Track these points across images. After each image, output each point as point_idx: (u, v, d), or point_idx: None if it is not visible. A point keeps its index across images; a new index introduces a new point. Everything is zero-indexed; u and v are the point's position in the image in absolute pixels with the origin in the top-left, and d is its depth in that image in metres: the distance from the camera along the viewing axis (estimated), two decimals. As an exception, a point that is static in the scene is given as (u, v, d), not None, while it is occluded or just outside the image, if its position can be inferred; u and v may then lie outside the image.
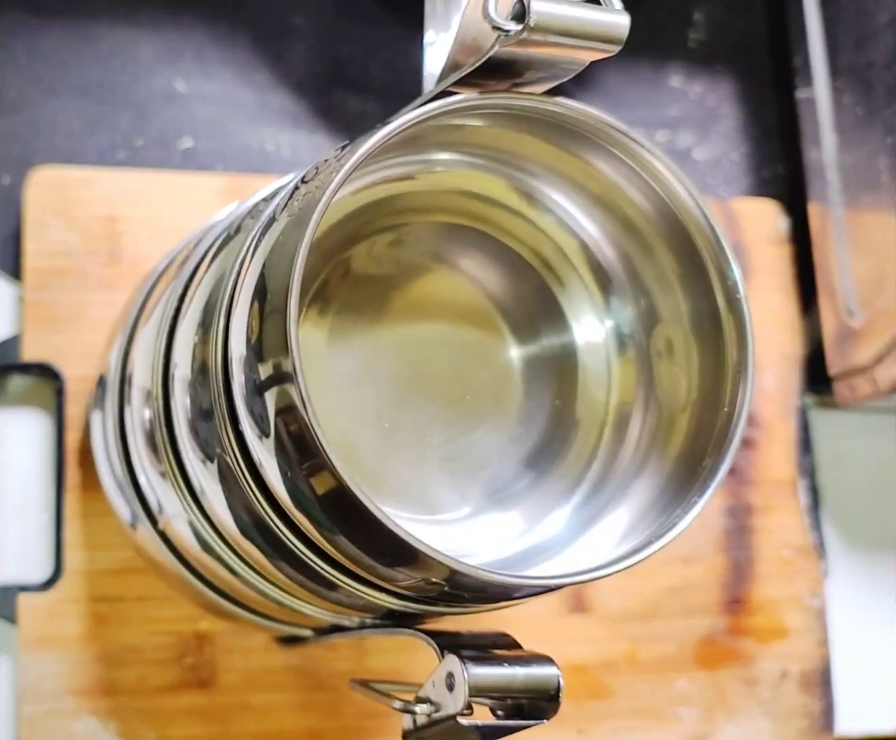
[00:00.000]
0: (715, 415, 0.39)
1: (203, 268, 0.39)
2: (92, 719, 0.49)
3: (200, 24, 0.57)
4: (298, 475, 0.33)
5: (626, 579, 0.45)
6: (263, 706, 0.50)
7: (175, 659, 0.50)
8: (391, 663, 0.51)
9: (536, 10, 0.32)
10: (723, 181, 0.62)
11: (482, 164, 0.42)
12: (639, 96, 0.61)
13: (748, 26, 0.64)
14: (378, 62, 0.59)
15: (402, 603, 0.37)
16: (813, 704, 0.56)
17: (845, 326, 0.56)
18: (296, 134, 0.57)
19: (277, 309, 0.33)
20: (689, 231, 0.39)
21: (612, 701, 0.54)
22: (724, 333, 0.39)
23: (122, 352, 0.45)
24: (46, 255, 0.51)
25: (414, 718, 0.36)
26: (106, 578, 0.50)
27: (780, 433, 0.58)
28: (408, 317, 0.42)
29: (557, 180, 0.42)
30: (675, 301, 0.41)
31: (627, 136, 0.37)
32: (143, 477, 0.43)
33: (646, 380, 0.43)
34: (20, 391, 0.51)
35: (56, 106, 0.54)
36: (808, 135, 0.59)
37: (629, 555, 0.36)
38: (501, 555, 0.41)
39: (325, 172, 0.35)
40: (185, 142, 0.56)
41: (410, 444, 0.41)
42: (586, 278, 0.44)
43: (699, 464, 0.38)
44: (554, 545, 0.41)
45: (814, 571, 0.57)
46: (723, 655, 0.55)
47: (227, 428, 0.35)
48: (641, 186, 0.39)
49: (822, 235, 0.58)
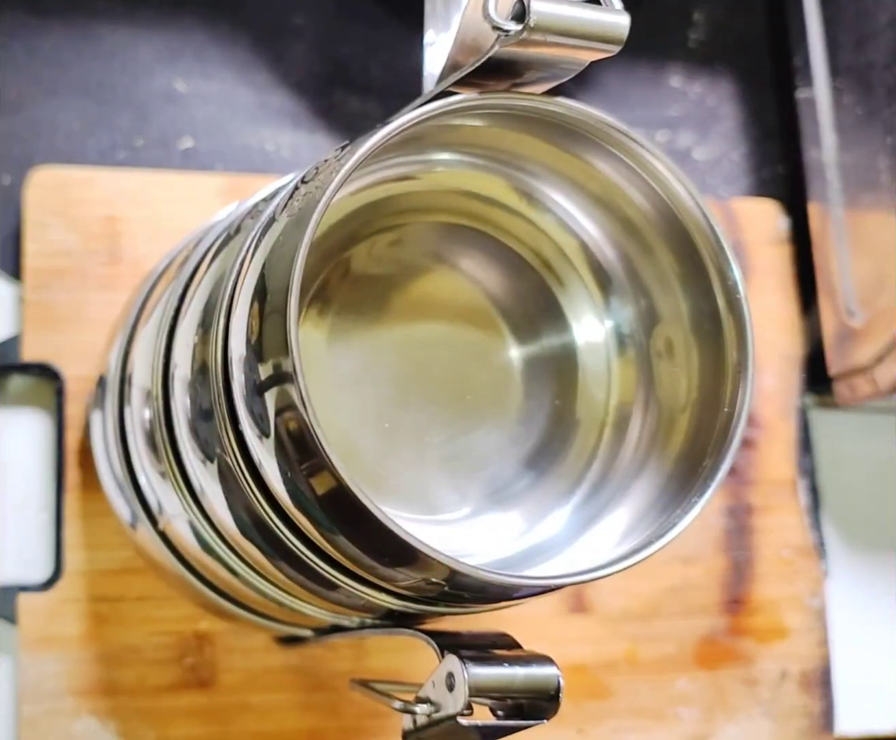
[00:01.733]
0: (715, 415, 0.39)
1: (203, 269, 0.39)
2: (92, 719, 0.49)
3: (200, 24, 0.57)
4: (298, 475, 0.33)
5: (626, 579, 0.45)
6: (263, 706, 0.50)
7: (175, 659, 0.50)
8: (391, 663, 0.51)
9: (536, 10, 0.32)
10: (723, 181, 0.62)
11: (482, 164, 0.42)
12: (639, 96, 0.61)
13: (748, 26, 0.64)
14: (378, 62, 0.59)
15: (402, 603, 0.37)
16: (813, 704, 0.56)
17: (845, 326, 0.56)
18: (296, 134, 0.57)
19: (277, 309, 0.33)
20: (689, 231, 0.39)
21: (612, 701, 0.54)
22: (724, 333, 0.39)
23: (122, 352, 0.45)
24: (46, 255, 0.51)
25: (414, 718, 0.36)
26: (106, 578, 0.50)
27: (780, 433, 0.58)
28: (408, 317, 0.42)
29: (557, 180, 0.42)
30: (675, 301, 0.41)
31: (627, 136, 0.37)
32: (143, 477, 0.43)
33: (646, 380, 0.43)
34: (20, 391, 0.51)
35: (56, 106, 0.54)
36: (808, 135, 0.59)
37: (629, 555, 0.36)
38: (501, 555, 0.41)
39: (325, 172, 0.35)
40: (185, 142, 0.56)
41: (410, 444, 0.41)
42: (586, 278, 0.44)
43: (699, 464, 0.38)
44: (554, 545, 0.41)
45: (814, 571, 0.57)
46: (723, 655, 0.55)
47: (227, 428, 0.35)
48: (641, 186, 0.39)
49: (822, 235, 0.58)
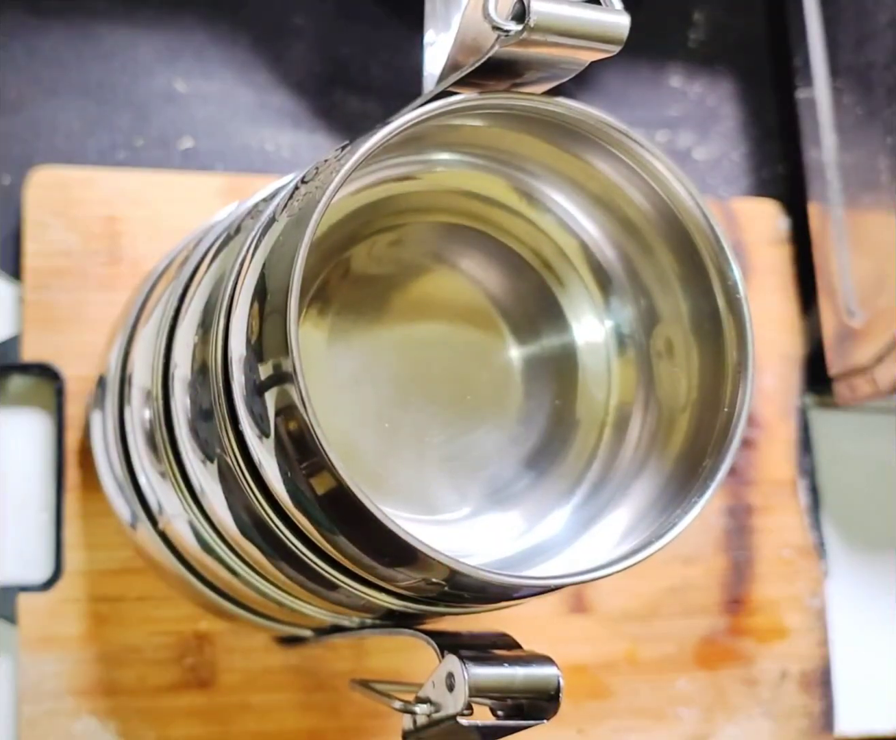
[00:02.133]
0: (715, 415, 0.39)
1: (203, 269, 0.39)
2: (92, 719, 0.49)
3: (200, 24, 0.57)
4: (298, 475, 0.33)
5: (626, 579, 0.45)
6: (263, 706, 0.50)
7: (175, 659, 0.50)
8: (391, 663, 0.51)
9: (536, 10, 0.32)
10: (723, 181, 0.62)
11: (482, 164, 0.42)
12: (639, 96, 0.61)
13: (748, 26, 0.64)
14: (378, 62, 0.59)
15: (402, 603, 0.37)
16: (813, 704, 0.56)
17: (845, 326, 0.56)
18: (296, 134, 0.57)
19: (277, 309, 0.33)
20: (689, 231, 0.39)
21: (612, 701, 0.54)
22: (724, 333, 0.39)
23: (122, 352, 0.45)
24: (46, 255, 0.51)
25: (414, 718, 0.36)
26: (106, 578, 0.50)
27: (780, 433, 0.58)
28: (408, 317, 0.42)
29: (557, 180, 0.42)
30: (675, 301, 0.41)
31: (627, 136, 0.37)
32: (143, 477, 0.43)
33: (646, 380, 0.43)
34: (20, 391, 0.51)
35: (56, 106, 0.54)
36: (808, 135, 0.59)
37: (629, 555, 0.36)
38: (501, 555, 0.41)
39: (325, 173, 0.35)
40: (185, 142, 0.56)
41: (410, 444, 0.41)
42: (586, 278, 0.44)
43: (699, 464, 0.38)
44: (554, 545, 0.41)
45: (814, 571, 0.57)
46: (723, 655, 0.55)
47: (227, 428, 0.35)
48: (641, 186, 0.39)
49: (822, 235, 0.58)
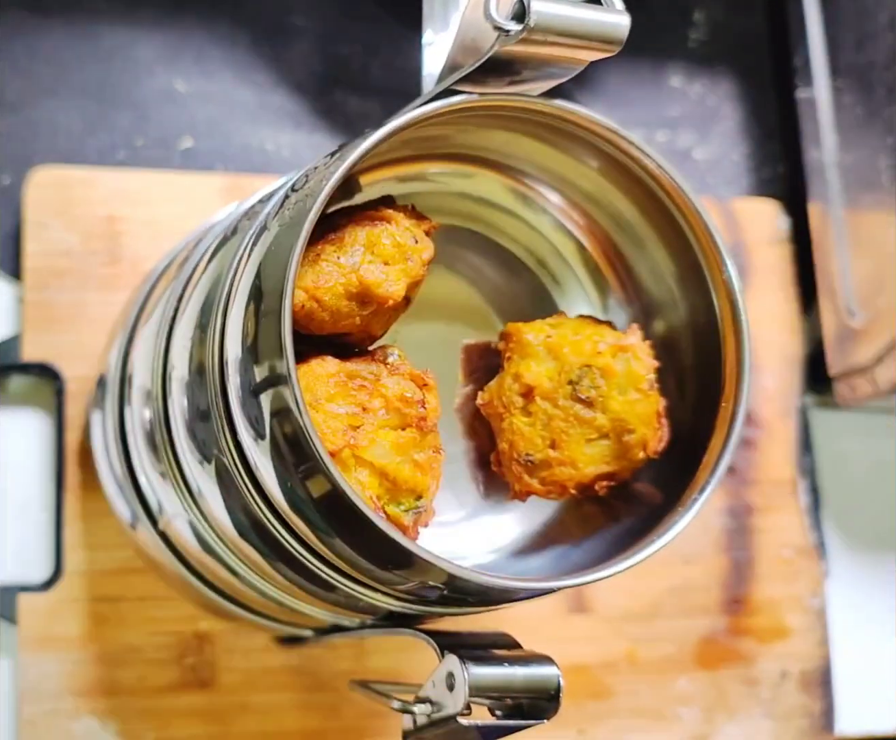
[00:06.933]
0: (714, 414, 0.39)
1: (200, 269, 0.39)
2: (92, 719, 0.49)
3: (200, 24, 0.57)
4: (294, 478, 0.33)
5: (627, 579, 0.45)
6: (263, 706, 0.50)
7: (175, 659, 0.50)
8: (391, 663, 0.51)
9: (536, 10, 0.32)
10: (723, 181, 0.62)
11: (478, 165, 0.42)
12: (639, 96, 0.61)
13: (748, 26, 0.64)
14: (378, 62, 0.58)
15: (401, 604, 0.37)
16: (813, 704, 0.56)
17: (845, 326, 0.56)
18: (296, 134, 0.57)
19: (272, 311, 0.33)
20: (683, 229, 0.39)
21: (612, 701, 0.54)
22: (722, 332, 0.39)
23: (122, 352, 0.45)
24: (46, 255, 0.51)
25: (414, 718, 0.36)
26: (106, 578, 0.50)
27: (780, 433, 0.58)
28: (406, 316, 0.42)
29: (552, 180, 0.42)
30: (671, 300, 0.41)
31: (619, 135, 0.37)
32: (143, 477, 0.43)
33: (645, 381, 0.43)
34: (20, 391, 0.51)
35: (56, 106, 0.54)
36: (808, 135, 0.59)
37: (629, 555, 0.36)
38: (499, 558, 0.41)
39: (314, 180, 0.35)
40: (185, 142, 0.56)
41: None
42: (582, 277, 0.44)
43: (699, 464, 0.38)
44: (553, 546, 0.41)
45: (814, 571, 0.57)
46: (723, 655, 0.55)
47: (225, 429, 0.35)
48: (635, 185, 0.39)
49: (822, 235, 0.58)
